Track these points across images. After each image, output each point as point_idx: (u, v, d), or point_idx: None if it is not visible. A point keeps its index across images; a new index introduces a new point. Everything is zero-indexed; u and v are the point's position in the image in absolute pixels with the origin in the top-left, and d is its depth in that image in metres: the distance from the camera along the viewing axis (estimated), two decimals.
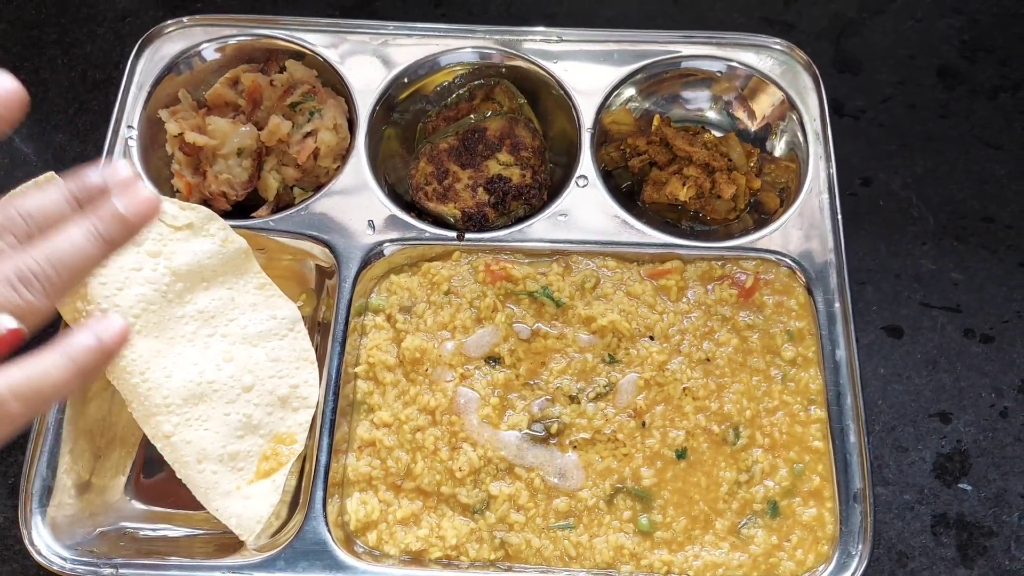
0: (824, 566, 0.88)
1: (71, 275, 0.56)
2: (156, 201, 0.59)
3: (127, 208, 0.58)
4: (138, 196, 0.58)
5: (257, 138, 1.06)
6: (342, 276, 1.00)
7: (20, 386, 0.54)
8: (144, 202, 0.58)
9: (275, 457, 0.91)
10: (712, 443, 0.94)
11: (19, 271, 0.54)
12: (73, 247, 0.56)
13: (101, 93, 1.21)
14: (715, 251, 1.03)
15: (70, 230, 0.57)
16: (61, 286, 0.56)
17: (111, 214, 0.57)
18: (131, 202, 0.58)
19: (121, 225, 0.58)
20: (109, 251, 0.58)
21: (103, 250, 0.57)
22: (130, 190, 0.58)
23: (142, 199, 0.58)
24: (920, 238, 1.13)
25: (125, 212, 0.58)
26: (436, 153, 1.09)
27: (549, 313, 1.00)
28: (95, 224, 0.57)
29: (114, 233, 0.57)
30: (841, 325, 0.98)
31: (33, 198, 0.58)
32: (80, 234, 0.57)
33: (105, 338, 0.57)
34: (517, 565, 0.89)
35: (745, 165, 1.11)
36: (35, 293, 0.55)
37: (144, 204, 0.58)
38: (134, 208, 0.58)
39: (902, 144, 1.19)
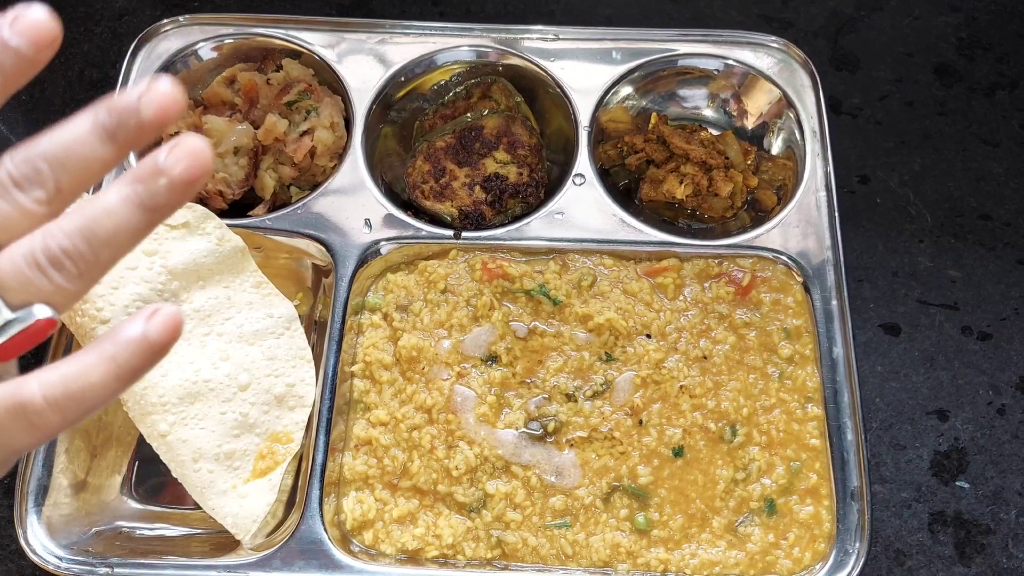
0: (821, 564, 0.88)
1: (110, 252, 0.46)
2: (208, 154, 0.46)
3: (174, 163, 0.45)
4: (187, 147, 0.45)
5: (253, 137, 1.06)
6: (339, 274, 1.00)
7: (56, 392, 0.46)
8: (194, 154, 0.45)
9: (271, 456, 0.91)
10: (709, 441, 0.94)
11: (48, 250, 0.45)
12: (111, 218, 0.45)
13: (98, 92, 1.21)
14: (712, 249, 1.03)
15: (107, 196, 0.46)
16: (98, 267, 0.46)
17: (151, 173, 0.45)
18: (179, 156, 0.45)
19: (169, 191, 0.46)
20: (156, 220, 0.47)
21: (148, 220, 0.46)
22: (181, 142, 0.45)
23: (191, 151, 0.45)
24: (918, 236, 1.13)
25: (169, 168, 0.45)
26: (433, 151, 1.09)
27: (546, 311, 1.00)
28: (136, 189, 0.46)
29: (160, 200, 0.46)
30: (838, 323, 0.98)
31: (59, 138, 0.46)
32: (119, 201, 0.46)
33: (153, 335, 0.46)
34: (514, 564, 0.89)
35: (742, 163, 1.11)
36: (67, 277, 0.46)
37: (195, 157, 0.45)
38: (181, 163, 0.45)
39: (899, 142, 1.19)
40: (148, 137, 0.46)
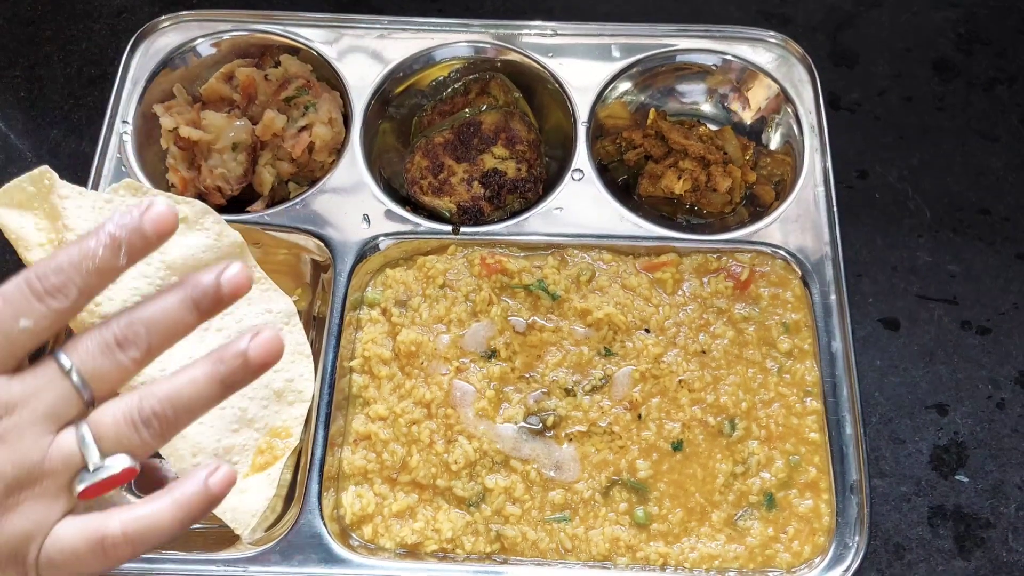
0: (820, 558, 0.88)
1: (188, 417, 0.58)
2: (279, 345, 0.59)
3: (253, 351, 0.58)
4: (265, 337, 0.59)
5: (252, 132, 1.06)
6: (337, 270, 1.00)
7: (131, 529, 0.55)
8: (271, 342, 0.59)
9: (270, 451, 0.89)
10: (708, 435, 0.94)
11: (143, 411, 0.56)
12: (195, 389, 0.58)
13: (97, 89, 1.21)
14: (711, 244, 1.03)
15: (194, 370, 0.58)
16: (176, 427, 0.58)
17: (234, 356, 0.58)
18: (257, 345, 0.58)
19: (243, 370, 0.58)
20: (228, 394, 0.59)
21: (221, 393, 0.59)
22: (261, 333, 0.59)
23: (266, 340, 0.59)
24: (916, 230, 1.13)
25: (250, 355, 0.58)
26: (431, 147, 1.09)
27: (545, 306, 1.00)
28: (218, 367, 0.58)
29: (236, 378, 0.58)
30: (837, 317, 0.98)
31: (155, 306, 0.59)
32: (204, 377, 0.58)
33: (214, 488, 0.58)
34: (513, 558, 0.89)
35: (741, 158, 1.11)
36: (152, 435, 0.57)
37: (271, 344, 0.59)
38: (259, 351, 0.58)
39: (898, 137, 1.19)
40: (225, 306, 0.60)
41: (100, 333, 0.58)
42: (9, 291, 0.57)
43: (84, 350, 0.57)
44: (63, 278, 0.57)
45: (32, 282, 0.57)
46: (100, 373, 0.57)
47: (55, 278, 0.56)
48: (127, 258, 0.59)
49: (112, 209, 0.92)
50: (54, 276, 0.56)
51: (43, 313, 0.56)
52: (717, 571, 0.88)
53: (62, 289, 0.56)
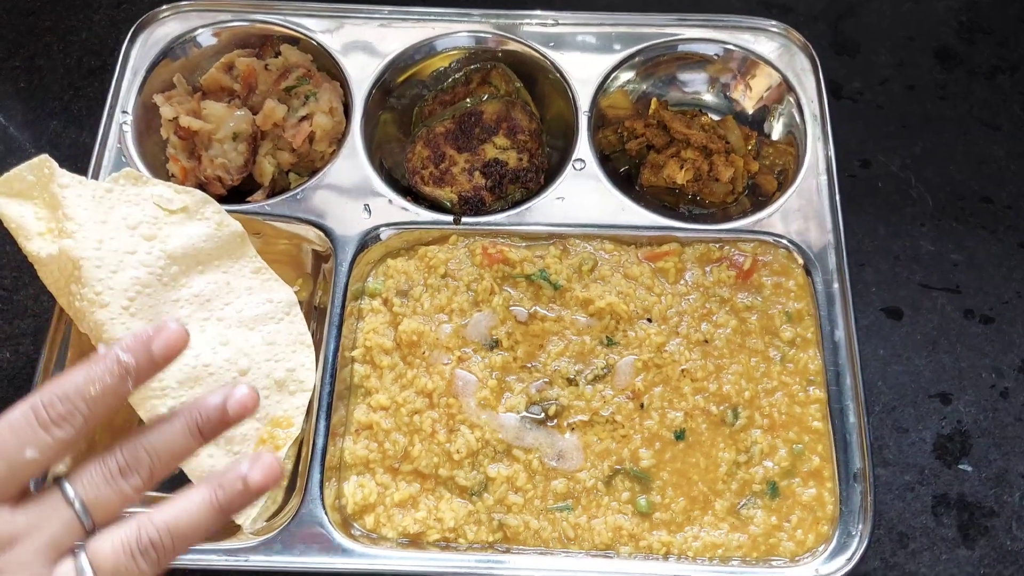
0: (824, 546, 0.87)
1: (184, 544, 0.59)
2: (279, 469, 0.62)
3: (250, 477, 0.60)
4: (264, 462, 0.61)
5: (252, 122, 1.06)
6: (338, 260, 1.00)
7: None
8: (270, 468, 0.61)
9: (272, 440, 0.90)
10: (711, 424, 0.93)
11: (140, 541, 0.57)
12: (191, 520, 0.59)
13: (97, 79, 1.21)
14: (713, 233, 1.03)
15: (192, 497, 0.60)
16: (173, 554, 0.59)
17: (233, 481, 0.60)
18: (254, 470, 0.61)
19: (241, 496, 0.60)
20: (225, 519, 0.61)
21: (219, 518, 0.60)
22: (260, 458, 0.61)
23: (267, 464, 0.61)
24: (919, 219, 1.12)
25: (248, 481, 0.60)
26: (432, 137, 1.09)
27: (547, 296, 1.00)
28: (216, 493, 0.60)
29: (234, 502, 0.60)
30: (840, 305, 0.98)
31: (159, 433, 0.61)
32: (201, 502, 0.60)
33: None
34: (515, 547, 0.88)
35: (743, 148, 1.11)
36: (150, 563, 0.58)
37: (270, 470, 0.61)
38: (257, 477, 0.60)
39: (901, 126, 1.19)
40: (227, 428, 0.62)
41: (104, 463, 0.59)
42: (15, 420, 0.58)
43: (88, 480, 0.59)
44: (69, 407, 0.58)
45: (38, 410, 0.58)
46: (102, 501, 0.58)
47: (61, 407, 0.58)
48: (134, 383, 0.61)
49: (112, 198, 0.93)
50: (60, 404, 0.58)
51: (48, 443, 0.57)
52: (720, 560, 0.88)
53: (67, 418, 0.58)
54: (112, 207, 0.92)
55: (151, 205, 0.94)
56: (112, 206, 0.92)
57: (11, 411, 0.59)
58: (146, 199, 0.94)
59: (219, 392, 0.62)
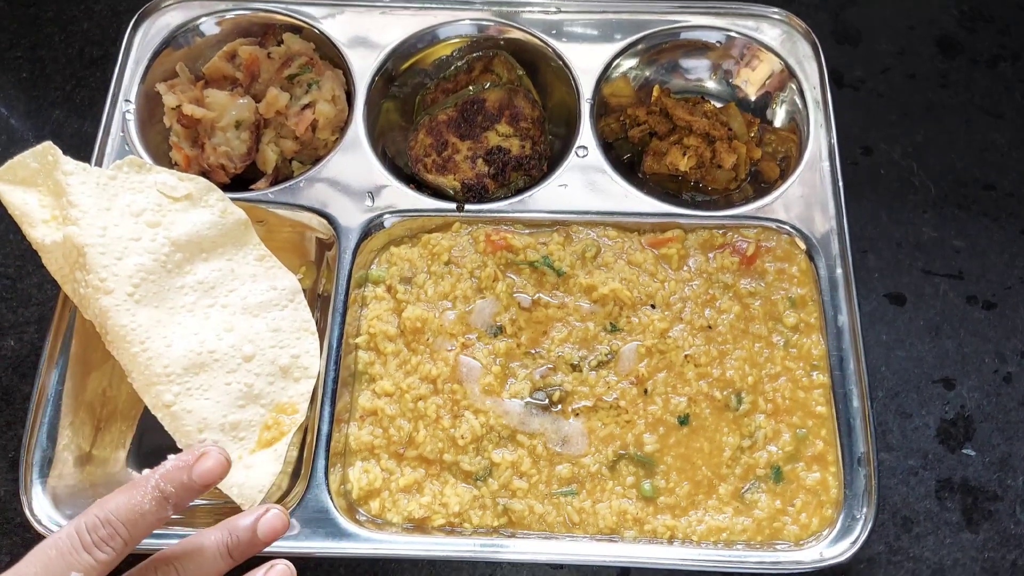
0: (828, 530, 0.87)
1: None
2: (285, 522, 0.72)
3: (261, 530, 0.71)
4: (271, 515, 0.72)
5: (255, 110, 1.06)
6: (342, 248, 1.00)
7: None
8: (275, 520, 0.72)
9: (277, 427, 0.90)
10: (715, 409, 0.94)
11: None
12: None
13: (99, 69, 1.20)
14: (716, 220, 1.03)
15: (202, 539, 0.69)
16: None
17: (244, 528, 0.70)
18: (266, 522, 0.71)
19: (251, 545, 0.70)
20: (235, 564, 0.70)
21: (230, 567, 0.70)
22: (265, 513, 0.72)
23: (273, 517, 0.72)
24: (921, 206, 1.12)
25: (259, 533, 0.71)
26: (435, 125, 1.09)
27: (550, 282, 1.00)
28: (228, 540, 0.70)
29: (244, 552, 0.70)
30: (843, 290, 0.98)
31: (194, 563, 0.69)
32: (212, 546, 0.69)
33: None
34: (520, 531, 0.89)
35: (745, 134, 1.11)
36: None
37: (275, 523, 0.71)
38: (266, 529, 0.71)
39: (902, 114, 1.19)
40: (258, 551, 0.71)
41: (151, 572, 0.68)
42: (62, 542, 0.65)
43: None
44: (110, 531, 0.66)
45: (82, 534, 0.65)
46: None
47: (103, 531, 0.66)
48: (173, 508, 0.69)
49: (116, 186, 0.93)
50: (103, 528, 0.66)
51: (91, 565, 0.65)
52: (725, 544, 0.88)
53: (109, 541, 0.65)
54: (116, 194, 0.92)
55: (155, 192, 0.94)
56: (116, 193, 0.92)
57: (58, 534, 0.66)
58: (150, 186, 0.94)
59: (252, 513, 0.71)
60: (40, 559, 0.65)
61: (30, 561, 0.65)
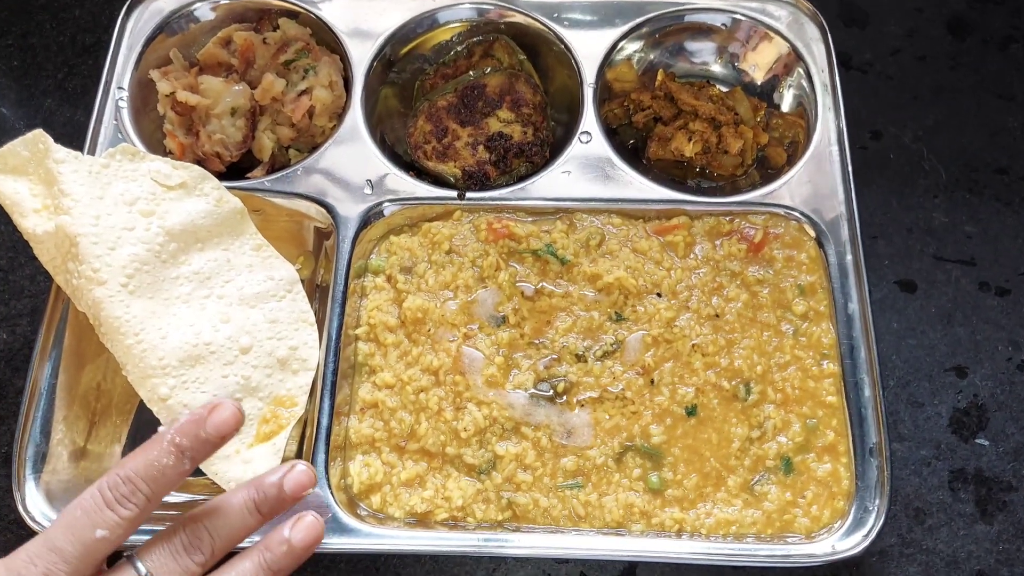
0: (840, 522, 0.85)
1: None
2: (321, 527, 0.72)
3: (295, 538, 0.70)
4: (305, 522, 0.71)
5: (251, 97, 1.04)
6: (340, 237, 0.98)
7: None
8: (311, 527, 0.71)
9: (275, 420, 0.88)
10: (723, 399, 0.92)
11: None
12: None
13: (91, 57, 1.19)
14: (723, 206, 1.01)
15: (244, 563, 0.69)
16: None
17: (279, 543, 0.70)
18: (299, 529, 0.71)
19: (289, 557, 0.70)
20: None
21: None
22: (302, 519, 0.71)
23: (308, 524, 0.71)
24: (932, 191, 1.10)
25: (294, 542, 0.70)
26: (435, 111, 1.07)
27: (553, 271, 0.98)
28: (265, 556, 0.70)
29: (281, 563, 0.70)
30: (853, 277, 0.96)
31: (219, 511, 0.70)
32: (252, 567, 0.69)
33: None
34: (525, 525, 0.87)
35: (752, 119, 1.09)
36: None
37: (312, 529, 0.71)
38: (302, 537, 0.71)
39: (912, 97, 1.17)
40: (286, 507, 0.71)
41: (170, 540, 0.69)
42: (85, 502, 0.67)
43: (156, 556, 0.68)
44: (131, 487, 0.67)
45: (104, 492, 0.67)
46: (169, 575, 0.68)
47: (124, 487, 0.67)
48: (191, 462, 0.69)
49: (109, 174, 0.91)
50: (124, 486, 0.67)
51: (116, 522, 0.66)
52: (734, 537, 0.86)
53: (131, 498, 0.67)
54: (109, 183, 0.90)
55: (149, 181, 0.92)
56: (109, 182, 0.90)
57: (82, 495, 0.67)
58: (143, 175, 0.92)
59: (278, 470, 0.71)
60: (67, 520, 0.67)
61: (58, 523, 0.67)
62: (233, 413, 0.70)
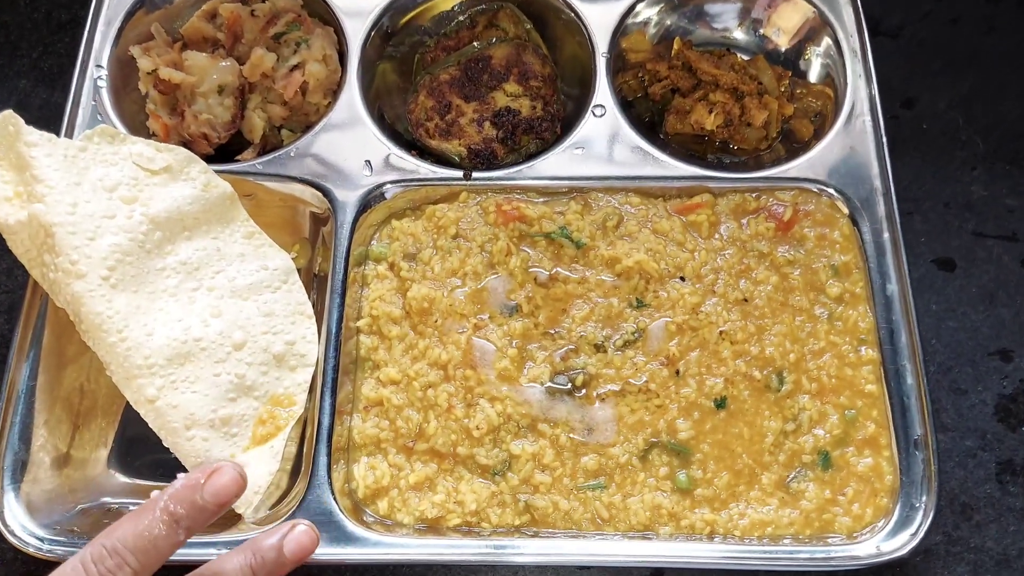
0: (884, 521, 0.81)
1: None
2: (315, 539, 0.68)
3: (287, 548, 0.66)
4: (296, 533, 0.67)
5: (239, 73, 1.00)
6: (338, 222, 0.94)
7: None
8: (302, 538, 0.67)
9: (272, 421, 0.85)
10: (754, 390, 0.88)
11: None
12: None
13: (68, 34, 1.13)
14: (749, 182, 0.96)
15: (231, 559, 0.66)
16: None
17: (269, 549, 0.66)
18: (291, 541, 0.67)
19: (277, 566, 0.66)
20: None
21: None
22: (294, 531, 0.68)
23: (299, 534, 0.67)
24: (969, 163, 1.05)
25: (285, 551, 0.66)
26: (437, 85, 1.02)
27: (568, 255, 0.94)
28: (252, 560, 0.66)
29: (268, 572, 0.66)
30: (891, 256, 0.91)
31: None
32: (234, 569, 0.65)
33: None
34: (544, 530, 0.83)
35: (776, 89, 1.03)
36: None
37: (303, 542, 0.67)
38: (292, 549, 0.67)
39: (945, 63, 1.11)
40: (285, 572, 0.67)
41: None
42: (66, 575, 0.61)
43: None
44: (118, 561, 0.62)
45: (88, 565, 0.61)
46: None
47: (111, 560, 0.61)
48: (186, 532, 0.64)
49: (87, 158, 0.86)
50: (110, 559, 0.61)
51: None
52: (770, 539, 0.82)
53: (117, 572, 0.61)
54: (86, 167, 0.86)
55: (130, 165, 0.88)
56: (86, 166, 0.86)
57: (62, 567, 0.62)
58: (124, 158, 0.88)
59: (277, 531, 0.67)
60: None
61: None
62: (234, 478, 0.67)
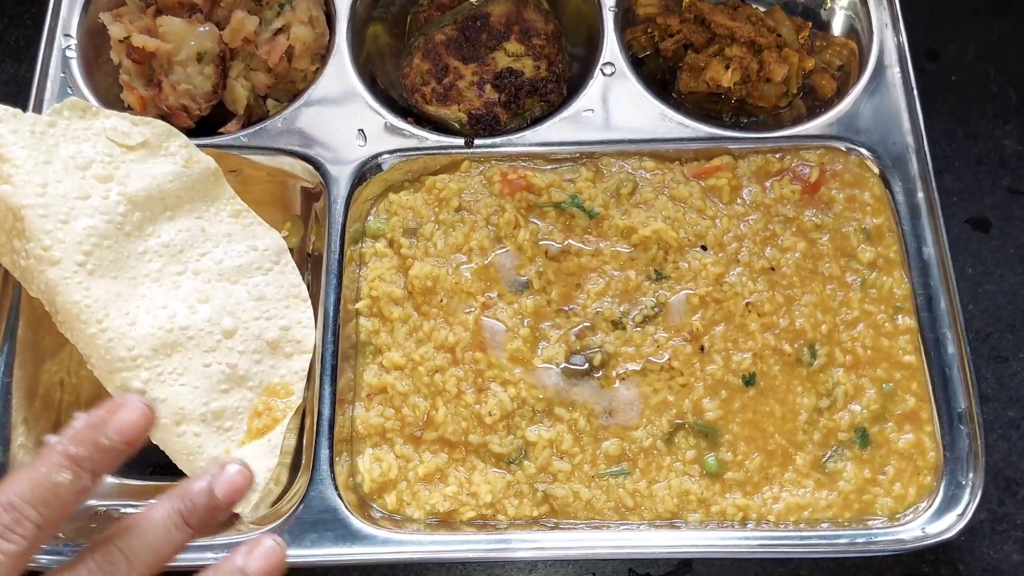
0: (928, 500, 0.78)
1: None
2: (282, 555, 0.62)
3: (252, 568, 0.60)
4: (262, 548, 0.61)
5: (219, 39, 0.96)
6: (332, 197, 0.91)
7: None
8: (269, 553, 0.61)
9: (269, 413, 0.82)
10: (784, 365, 0.85)
11: None
12: None
13: (34, 4, 1.09)
14: (771, 142, 0.93)
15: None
16: None
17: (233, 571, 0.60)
18: (256, 556, 0.61)
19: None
20: None
21: None
22: (259, 544, 0.61)
23: (266, 551, 0.61)
24: (1002, 116, 1.03)
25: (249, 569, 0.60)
26: (432, 47, 0.99)
27: (581, 226, 0.91)
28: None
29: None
30: (927, 218, 0.88)
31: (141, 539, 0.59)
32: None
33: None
34: (565, 521, 0.81)
35: (796, 42, 0.98)
36: None
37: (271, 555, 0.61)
38: (258, 565, 0.60)
39: (973, 10, 1.08)
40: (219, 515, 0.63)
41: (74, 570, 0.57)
42: None
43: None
44: (15, 515, 0.55)
45: None
46: None
47: (6, 516, 0.55)
48: (92, 476, 0.58)
49: (56, 134, 0.81)
50: (6, 514, 0.55)
51: None
52: (807, 524, 0.80)
53: (15, 528, 0.55)
54: (56, 144, 0.82)
55: (104, 140, 0.84)
56: (56, 143, 0.82)
57: None
58: (97, 134, 0.84)
59: (205, 474, 0.62)
60: None
61: None
62: (142, 411, 0.60)
